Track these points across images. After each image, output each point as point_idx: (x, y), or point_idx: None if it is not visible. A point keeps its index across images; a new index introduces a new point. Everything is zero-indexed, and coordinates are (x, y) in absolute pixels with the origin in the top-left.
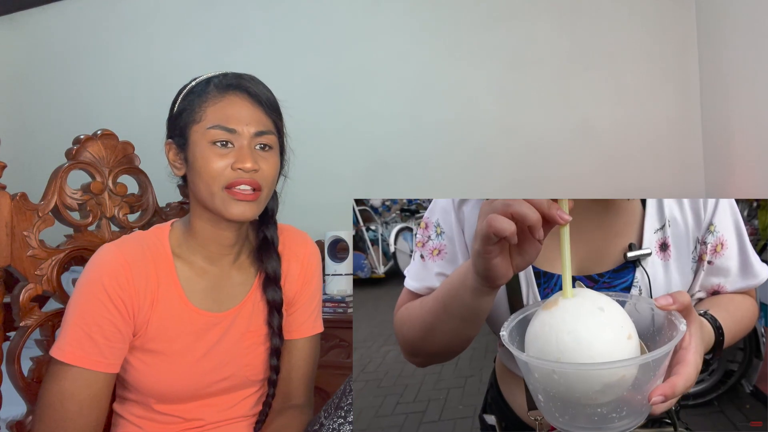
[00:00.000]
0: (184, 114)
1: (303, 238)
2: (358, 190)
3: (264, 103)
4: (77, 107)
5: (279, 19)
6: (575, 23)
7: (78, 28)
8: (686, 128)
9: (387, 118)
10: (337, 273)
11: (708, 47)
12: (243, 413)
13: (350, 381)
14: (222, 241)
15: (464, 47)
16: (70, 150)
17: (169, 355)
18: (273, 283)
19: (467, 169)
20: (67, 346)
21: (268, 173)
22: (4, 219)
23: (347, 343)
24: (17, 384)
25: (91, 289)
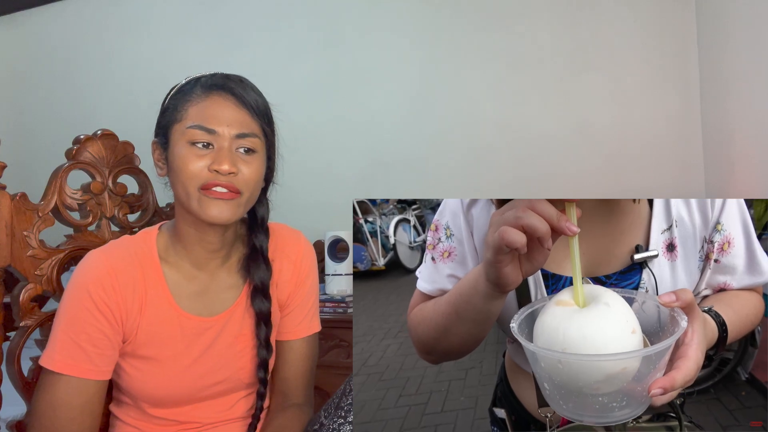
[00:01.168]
0: (167, 113)
1: (296, 237)
2: (358, 190)
3: (249, 105)
4: (77, 107)
5: (279, 20)
6: (575, 23)
7: (78, 28)
8: (686, 128)
9: (387, 118)
10: (337, 273)
11: (708, 47)
12: (240, 414)
13: (350, 381)
14: (206, 246)
15: (464, 47)
16: (70, 150)
17: (161, 361)
18: (260, 294)
19: (467, 169)
20: (57, 355)
21: (249, 177)
22: (4, 219)
23: (347, 343)
24: (17, 384)
25: (77, 297)
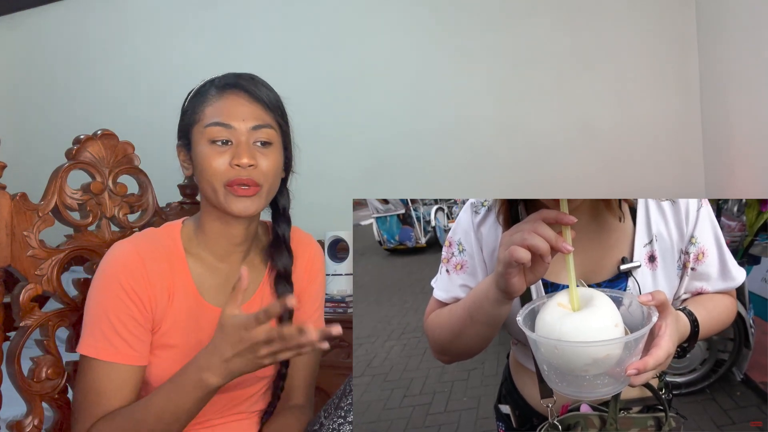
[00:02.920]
0: (186, 116)
1: (308, 238)
2: (358, 190)
3: (262, 99)
4: (77, 107)
5: (279, 20)
6: (575, 23)
7: (78, 28)
8: (686, 128)
9: (387, 118)
10: (337, 273)
11: (708, 47)
12: (245, 409)
13: (350, 381)
14: (230, 239)
15: (464, 47)
16: (70, 150)
17: (184, 350)
18: (284, 280)
19: (467, 169)
20: (98, 343)
21: (267, 169)
22: (4, 219)
23: (347, 343)
24: (17, 384)
25: (108, 287)
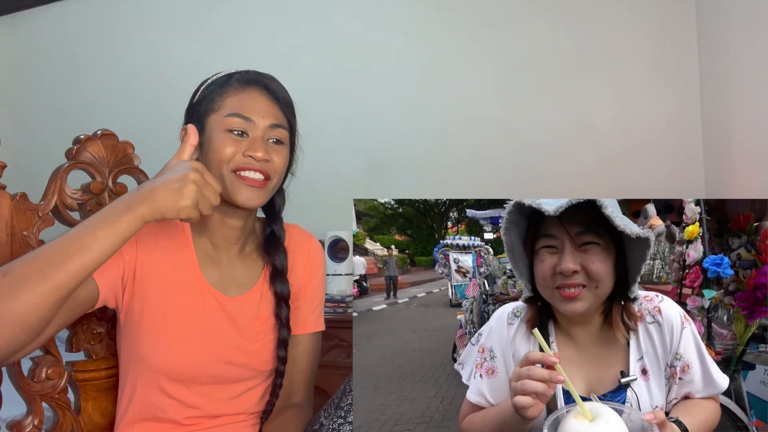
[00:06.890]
0: (203, 103)
1: (309, 236)
2: (358, 190)
3: (280, 99)
4: (77, 107)
5: (279, 20)
6: (575, 23)
7: (78, 28)
8: (686, 128)
9: (387, 118)
10: (337, 273)
11: (708, 47)
12: (243, 409)
13: (350, 381)
14: (227, 232)
15: (464, 47)
16: (70, 150)
17: (180, 325)
18: (280, 276)
19: (467, 169)
20: None
21: (278, 165)
22: (4, 219)
23: (347, 343)
24: (17, 384)
25: None
